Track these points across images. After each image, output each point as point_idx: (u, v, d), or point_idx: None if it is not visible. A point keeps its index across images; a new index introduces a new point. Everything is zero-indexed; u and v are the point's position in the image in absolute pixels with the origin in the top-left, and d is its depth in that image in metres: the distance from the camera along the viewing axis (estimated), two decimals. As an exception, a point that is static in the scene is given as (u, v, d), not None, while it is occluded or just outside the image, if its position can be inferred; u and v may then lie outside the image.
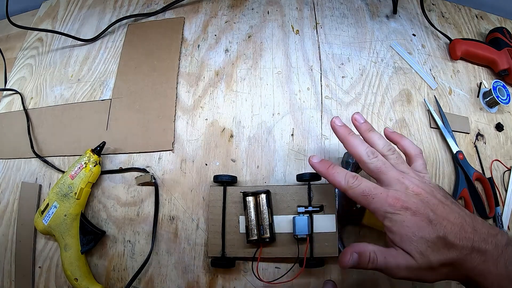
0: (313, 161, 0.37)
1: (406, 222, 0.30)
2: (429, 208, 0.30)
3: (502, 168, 0.51)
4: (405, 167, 0.35)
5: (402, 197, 0.31)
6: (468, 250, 0.29)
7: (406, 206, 0.30)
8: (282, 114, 0.50)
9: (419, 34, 0.60)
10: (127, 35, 0.60)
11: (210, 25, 0.59)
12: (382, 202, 0.31)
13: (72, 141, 0.52)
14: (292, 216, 0.41)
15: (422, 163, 0.37)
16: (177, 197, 0.47)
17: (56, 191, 0.45)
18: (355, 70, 0.54)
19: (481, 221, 0.31)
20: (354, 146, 0.35)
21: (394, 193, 0.31)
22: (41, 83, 0.59)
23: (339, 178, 0.34)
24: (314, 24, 0.57)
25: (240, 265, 0.43)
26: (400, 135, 0.39)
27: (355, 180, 0.33)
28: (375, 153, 0.34)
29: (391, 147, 0.36)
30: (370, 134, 0.37)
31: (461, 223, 0.30)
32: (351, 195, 0.33)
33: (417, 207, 0.30)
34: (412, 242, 0.30)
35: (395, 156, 0.35)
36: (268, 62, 0.54)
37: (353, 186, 0.33)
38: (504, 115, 0.56)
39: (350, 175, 0.34)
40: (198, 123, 0.50)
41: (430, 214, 0.30)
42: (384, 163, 0.34)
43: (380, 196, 0.31)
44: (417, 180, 0.33)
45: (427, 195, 0.31)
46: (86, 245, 0.43)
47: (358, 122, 0.38)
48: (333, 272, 0.42)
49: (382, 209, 0.31)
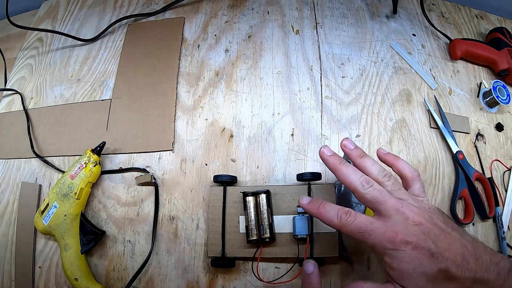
0: (303, 202, 0.35)
1: (407, 258, 0.28)
2: (430, 239, 0.29)
3: (502, 168, 0.51)
4: (403, 193, 0.33)
5: (401, 230, 0.29)
6: (470, 281, 0.28)
7: (406, 240, 0.29)
8: (282, 114, 0.50)
9: (419, 34, 0.60)
10: (127, 35, 0.60)
11: (210, 25, 0.59)
12: (380, 238, 0.29)
13: (72, 141, 0.52)
14: (292, 216, 0.41)
15: (419, 187, 0.35)
16: (177, 197, 0.47)
17: (56, 191, 0.45)
18: (355, 70, 0.54)
19: (483, 247, 0.30)
20: (347, 175, 0.33)
21: (392, 227, 0.30)
22: (41, 83, 0.59)
23: (330, 216, 0.32)
24: (314, 24, 0.57)
25: (240, 265, 0.43)
26: (395, 157, 0.37)
27: (349, 217, 0.31)
28: (370, 182, 0.32)
29: (386, 173, 0.34)
30: (362, 160, 0.35)
31: (463, 252, 0.29)
32: (346, 233, 0.31)
33: (418, 240, 0.29)
34: (412, 279, 0.28)
35: (391, 182, 0.33)
36: (268, 62, 0.54)
37: (347, 223, 0.31)
38: (504, 115, 0.56)
39: (342, 211, 0.32)
40: (198, 123, 0.50)
41: (432, 246, 0.28)
42: (380, 192, 0.32)
43: (377, 232, 0.30)
44: (417, 207, 0.31)
45: (428, 224, 0.30)
46: (86, 245, 0.43)
47: (348, 149, 0.36)
48: (333, 272, 0.42)
49: (381, 245, 0.29)
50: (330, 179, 0.46)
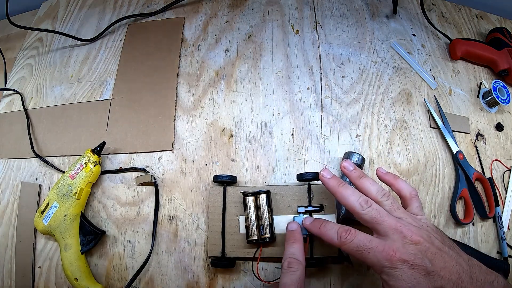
0: (306, 222, 0.37)
1: (404, 276, 0.29)
2: (427, 258, 0.30)
3: (502, 168, 0.51)
4: (401, 212, 0.34)
5: (399, 249, 0.30)
6: None
7: (403, 259, 0.29)
8: (282, 114, 0.50)
9: (419, 34, 0.60)
10: (127, 35, 0.60)
11: (210, 25, 0.59)
12: (378, 257, 0.30)
13: (72, 141, 0.52)
14: (292, 216, 0.41)
15: (418, 205, 0.35)
16: (177, 197, 0.47)
17: (56, 191, 0.45)
18: (355, 70, 0.54)
19: (478, 266, 0.31)
20: (346, 197, 0.34)
21: (391, 245, 0.30)
22: (41, 83, 0.59)
23: (331, 234, 0.33)
24: (314, 24, 0.57)
25: (240, 265, 0.43)
26: (394, 176, 0.38)
27: (348, 235, 0.32)
28: (369, 202, 0.33)
29: (385, 192, 0.35)
30: (361, 180, 0.36)
31: (458, 272, 0.29)
32: (346, 250, 0.32)
33: (415, 259, 0.29)
34: None
35: (390, 202, 0.34)
36: (268, 62, 0.54)
37: (347, 241, 0.32)
38: (504, 115, 0.56)
39: (342, 229, 0.33)
40: (198, 123, 0.50)
41: (428, 265, 0.29)
42: (379, 212, 0.32)
43: (376, 250, 0.30)
44: (415, 226, 0.32)
45: (425, 243, 0.30)
46: (86, 245, 0.43)
47: (347, 170, 0.37)
48: (333, 272, 0.42)
49: (379, 264, 0.30)
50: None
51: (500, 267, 0.42)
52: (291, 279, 0.33)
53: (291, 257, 0.34)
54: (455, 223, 0.46)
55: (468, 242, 0.46)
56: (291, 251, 0.35)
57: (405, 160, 0.48)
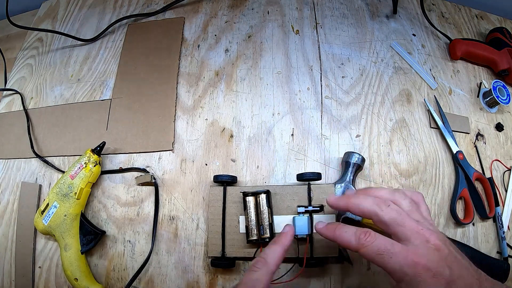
0: (319, 227, 0.34)
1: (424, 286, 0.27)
2: (447, 266, 0.27)
3: (502, 168, 0.51)
4: (419, 214, 0.31)
5: (424, 254, 0.28)
6: None
7: (428, 267, 0.27)
8: (282, 114, 0.50)
9: (419, 34, 0.60)
10: (127, 35, 0.60)
11: (210, 25, 0.59)
12: (401, 263, 0.27)
13: (72, 141, 0.52)
14: (292, 216, 0.41)
15: (426, 209, 0.33)
16: (177, 197, 0.47)
17: (56, 191, 0.45)
18: (355, 70, 0.54)
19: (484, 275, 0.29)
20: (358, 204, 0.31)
21: (415, 251, 0.28)
22: (41, 83, 0.59)
23: (347, 237, 0.31)
24: (314, 24, 0.57)
25: (240, 265, 0.43)
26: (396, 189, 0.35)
27: (368, 237, 0.29)
28: (387, 201, 0.30)
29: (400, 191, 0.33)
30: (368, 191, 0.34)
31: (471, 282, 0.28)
32: (364, 254, 0.29)
33: (437, 267, 0.27)
34: None
35: (408, 201, 0.31)
36: (268, 62, 0.54)
37: (366, 244, 0.29)
38: (504, 115, 0.56)
39: (360, 231, 0.30)
40: (198, 123, 0.50)
41: (448, 273, 0.27)
42: (399, 213, 0.30)
43: (399, 255, 0.28)
44: (433, 230, 0.29)
45: (445, 249, 0.28)
46: (86, 245, 0.43)
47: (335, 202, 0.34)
48: (333, 272, 0.42)
49: (401, 271, 0.27)
50: (330, 179, 0.46)
51: (500, 267, 0.42)
52: (250, 277, 0.31)
53: (261, 256, 0.33)
54: (455, 223, 0.46)
55: (468, 242, 0.46)
56: (266, 251, 0.34)
57: (405, 160, 0.48)
